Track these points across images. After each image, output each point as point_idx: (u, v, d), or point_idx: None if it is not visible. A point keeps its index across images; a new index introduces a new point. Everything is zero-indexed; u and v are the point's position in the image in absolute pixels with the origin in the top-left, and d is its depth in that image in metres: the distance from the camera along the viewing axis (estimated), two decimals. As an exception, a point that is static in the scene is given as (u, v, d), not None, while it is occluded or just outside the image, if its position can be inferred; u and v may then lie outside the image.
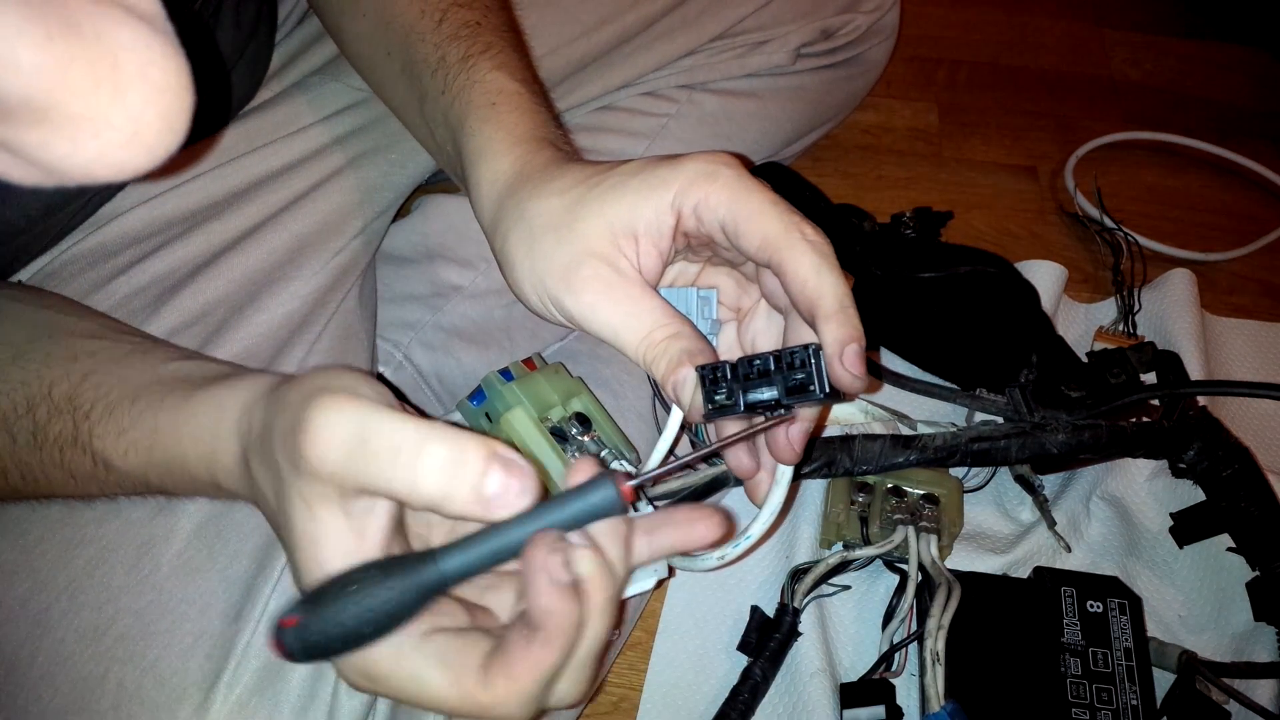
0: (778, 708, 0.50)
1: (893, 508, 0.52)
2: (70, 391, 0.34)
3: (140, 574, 0.37)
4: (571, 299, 0.35)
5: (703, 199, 0.34)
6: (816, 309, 0.32)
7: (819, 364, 0.32)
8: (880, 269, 0.61)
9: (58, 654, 0.36)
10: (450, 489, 0.26)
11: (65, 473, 0.34)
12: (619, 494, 0.27)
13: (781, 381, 0.32)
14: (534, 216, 0.36)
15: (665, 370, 0.34)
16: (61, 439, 0.33)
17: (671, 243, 0.35)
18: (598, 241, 0.34)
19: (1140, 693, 0.47)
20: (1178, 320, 0.65)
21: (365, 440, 0.26)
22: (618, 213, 0.34)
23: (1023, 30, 0.97)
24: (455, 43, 0.42)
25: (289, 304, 0.47)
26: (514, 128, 0.39)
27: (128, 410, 0.33)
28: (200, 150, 0.48)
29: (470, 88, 0.40)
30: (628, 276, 0.34)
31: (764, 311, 0.38)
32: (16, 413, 0.34)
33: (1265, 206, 0.80)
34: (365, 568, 0.27)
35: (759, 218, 0.33)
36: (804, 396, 0.32)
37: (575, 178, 0.36)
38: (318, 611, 0.26)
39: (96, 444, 0.33)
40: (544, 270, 0.35)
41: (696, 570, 0.43)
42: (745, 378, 0.32)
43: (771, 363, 0.32)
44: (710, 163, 0.34)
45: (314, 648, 0.26)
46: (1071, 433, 0.51)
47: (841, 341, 0.32)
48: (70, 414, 0.33)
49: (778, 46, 0.63)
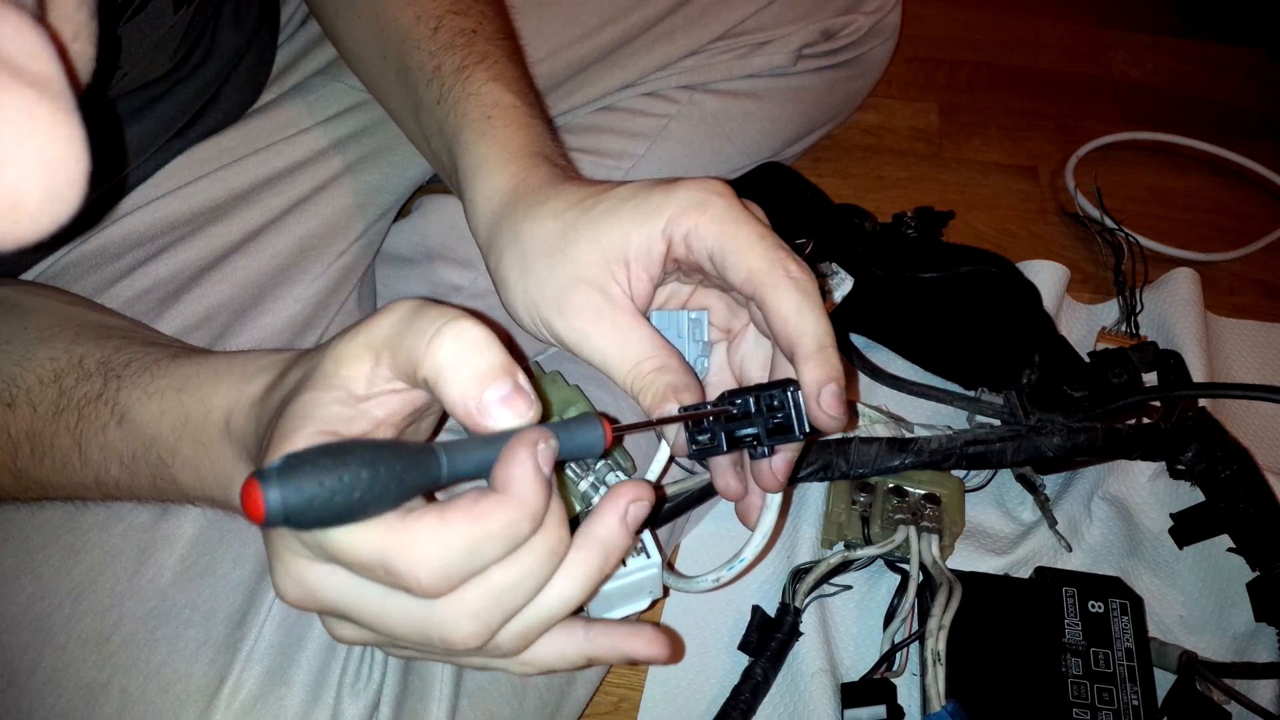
0: (779, 707, 0.50)
1: (894, 508, 0.52)
2: (104, 359, 0.34)
3: (143, 580, 0.37)
4: (563, 324, 0.35)
5: (693, 228, 0.34)
6: (796, 348, 0.33)
7: (798, 404, 0.33)
8: (881, 269, 0.61)
9: (61, 661, 0.36)
10: (458, 365, 0.26)
11: (73, 440, 0.33)
12: (603, 434, 0.28)
13: (762, 423, 0.33)
14: (527, 239, 0.36)
15: (650, 403, 0.34)
16: (85, 399, 0.33)
17: (662, 268, 0.35)
18: (589, 267, 0.35)
19: (1141, 693, 0.47)
20: (1180, 320, 0.65)
21: (419, 311, 0.28)
22: (610, 239, 0.34)
23: (1023, 31, 0.97)
24: (450, 52, 0.42)
25: (291, 307, 0.47)
26: (509, 143, 0.39)
27: (167, 365, 0.33)
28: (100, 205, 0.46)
29: (465, 100, 0.40)
30: (618, 304, 0.35)
31: (753, 335, 0.39)
32: (41, 384, 0.33)
33: (1265, 206, 0.80)
34: (366, 443, 0.25)
35: (745, 252, 0.33)
36: (784, 437, 0.33)
37: (569, 200, 0.36)
38: (311, 471, 0.23)
39: (123, 394, 0.33)
40: (536, 294, 0.35)
41: (693, 591, 0.43)
42: (729, 419, 0.33)
43: (752, 405, 0.33)
44: (702, 191, 0.34)
45: (293, 510, 0.23)
46: (1067, 435, 0.51)
47: (819, 382, 0.32)
48: (102, 376, 0.33)
49: (779, 47, 0.63)
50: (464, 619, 0.26)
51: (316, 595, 0.27)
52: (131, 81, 0.42)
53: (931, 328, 0.62)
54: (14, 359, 0.34)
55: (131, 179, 0.47)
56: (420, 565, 0.25)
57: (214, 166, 0.49)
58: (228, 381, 0.32)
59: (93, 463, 0.33)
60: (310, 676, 0.37)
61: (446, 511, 0.25)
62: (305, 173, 0.51)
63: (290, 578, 0.27)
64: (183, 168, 0.49)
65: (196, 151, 0.49)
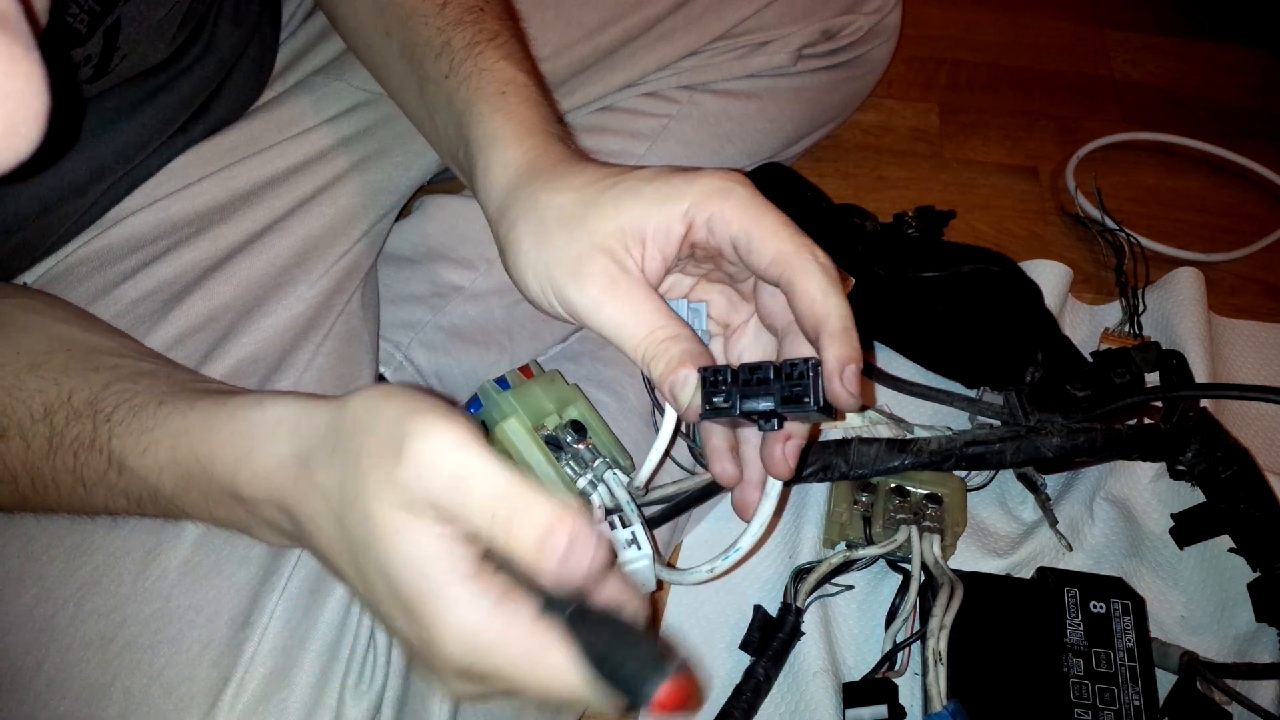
0: (780, 707, 0.50)
1: (896, 507, 0.52)
2: (91, 397, 0.34)
3: (147, 581, 0.37)
4: (576, 291, 0.35)
5: (717, 213, 0.35)
6: (822, 328, 0.34)
7: (817, 378, 0.33)
8: (883, 269, 0.61)
9: (64, 662, 0.36)
10: (538, 563, 0.27)
11: (75, 478, 0.33)
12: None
13: (779, 390, 0.33)
14: (546, 208, 0.36)
15: (664, 369, 0.34)
16: (79, 442, 0.33)
17: (677, 251, 0.36)
18: (607, 239, 0.35)
19: (1143, 694, 0.47)
20: (1183, 320, 0.65)
21: (465, 484, 0.27)
22: (631, 216, 0.35)
23: (1023, 31, 0.97)
24: (460, 28, 0.42)
25: (295, 308, 0.47)
26: (524, 119, 0.39)
27: (154, 412, 0.33)
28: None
29: (478, 74, 0.41)
30: (632, 275, 0.35)
31: (753, 329, 0.39)
32: (33, 418, 0.33)
33: (1265, 207, 0.80)
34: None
35: (771, 238, 0.34)
36: (797, 407, 0.33)
37: (590, 176, 0.37)
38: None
39: (115, 444, 0.33)
40: (551, 261, 0.36)
41: (687, 583, 0.43)
42: (745, 383, 0.33)
43: (771, 372, 0.33)
44: (726, 180, 0.35)
45: None
46: (1066, 436, 0.51)
47: (843, 360, 0.33)
48: (91, 418, 0.33)
49: (779, 47, 0.63)
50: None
51: (482, 695, 0.30)
52: (130, 66, 0.42)
53: (934, 327, 0.62)
54: (5, 386, 0.34)
55: (134, 176, 0.47)
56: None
57: (217, 166, 0.49)
58: (220, 445, 0.32)
59: (99, 497, 0.34)
60: (313, 679, 0.37)
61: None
62: (308, 173, 0.51)
63: (458, 684, 0.29)
64: (186, 167, 0.49)
65: (199, 150, 0.49)
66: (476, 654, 0.27)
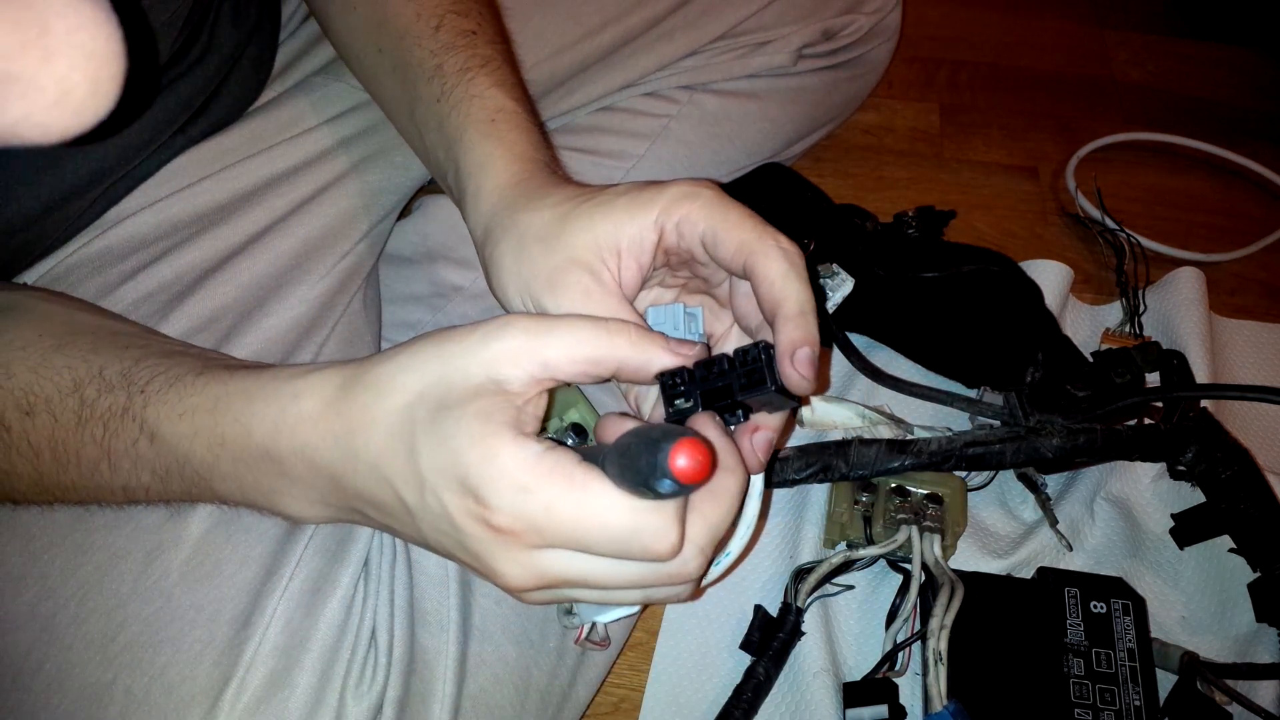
0: (780, 707, 0.50)
1: (896, 507, 0.52)
2: (124, 370, 0.34)
3: (149, 580, 0.37)
4: (552, 302, 0.36)
5: (684, 216, 0.36)
6: (778, 310, 0.34)
7: (770, 360, 0.34)
8: (883, 269, 0.61)
9: (66, 661, 0.36)
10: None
11: (101, 450, 0.33)
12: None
13: (735, 379, 0.34)
14: (525, 227, 0.37)
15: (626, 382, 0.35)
16: (110, 413, 0.33)
17: (652, 258, 0.37)
18: (583, 252, 0.36)
19: (1143, 694, 0.47)
20: (1184, 320, 0.65)
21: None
22: (604, 229, 0.36)
23: (1024, 31, 0.97)
24: (453, 52, 0.43)
25: (296, 309, 0.47)
26: (513, 145, 0.41)
27: (192, 382, 0.34)
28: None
29: (469, 101, 0.42)
30: (607, 287, 0.36)
31: (735, 338, 0.40)
32: (61, 393, 0.34)
33: (1265, 207, 0.80)
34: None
35: (736, 228, 0.35)
36: (757, 391, 0.34)
37: (566, 194, 0.38)
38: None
39: (150, 412, 0.33)
40: (529, 274, 0.37)
41: None
42: (704, 380, 0.34)
43: (726, 363, 0.34)
44: (692, 185, 0.36)
45: None
46: (1066, 437, 0.51)
47: (795, 343, 0.34)
48: (125, 389, 0.34)
49: (779, 47, 0.63)
50: (693, 561, 0.31)
51: (547, 575, 0.31)
52: None
53: (934, 327, 0.62)
54: (30, 366, 0.34)
55: (134, 176, 0.47)
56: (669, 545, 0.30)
57: (217, 167, 0.49)
58: (262, 403, 0.33)
59: (122, 472, 0.34)
60: (314, 679, 0.37)
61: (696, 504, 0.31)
62: (308, 173, 0.51)
63: (520, 565, 0.30)
64: (186, 167, 0.49)
65: (199, 150, 0.49)
66: (528, 494, 0.29)
